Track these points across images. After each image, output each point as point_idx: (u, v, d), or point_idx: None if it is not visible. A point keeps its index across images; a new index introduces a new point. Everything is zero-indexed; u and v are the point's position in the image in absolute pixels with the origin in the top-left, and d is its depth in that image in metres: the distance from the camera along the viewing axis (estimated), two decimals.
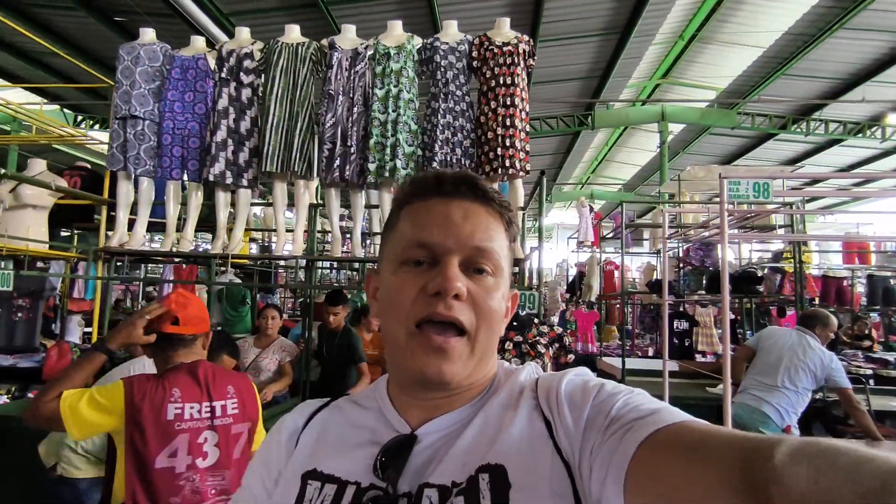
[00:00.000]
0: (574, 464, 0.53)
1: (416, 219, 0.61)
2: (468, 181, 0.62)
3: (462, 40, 3.42)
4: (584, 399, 0.55)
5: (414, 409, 0.62)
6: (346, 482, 0.58)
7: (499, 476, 0.53)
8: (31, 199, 3.78)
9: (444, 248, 0.58)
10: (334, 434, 0.65)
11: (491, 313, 0.59)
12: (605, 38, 9.68)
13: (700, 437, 0.45)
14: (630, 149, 17.44)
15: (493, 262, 0.60)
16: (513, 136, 3.27)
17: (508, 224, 0.64)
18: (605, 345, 7.88)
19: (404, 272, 0.59)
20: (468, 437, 0.57)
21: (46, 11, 8.89)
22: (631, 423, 0.50)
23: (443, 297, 0.56)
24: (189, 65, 3.55)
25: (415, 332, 0.57)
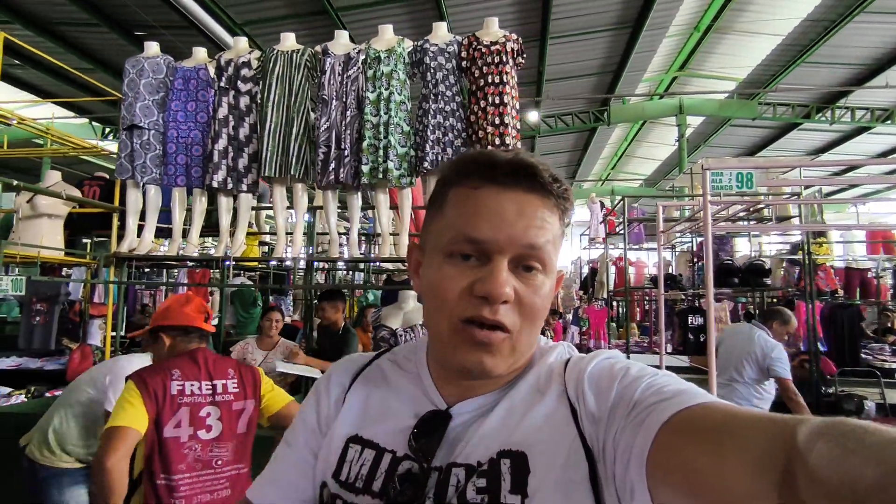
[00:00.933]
0: (598, 449, 0.53)
1: (465, 208, 0.59)
2: (527, 169, 0.58)
3: (451, 41, 3.46)
4: (609, 384, 0.55)
5: (449, 385, 0.63)
6: (383, 449, 0.61)
7: (520, 462, 0.54)
8: (46, 209, 3.99)
9: (494, 247, 0.56)
10: (377, 400, 0.66)
11: (536, 311, 0.58)
12: (617, 32, 9.58)
13: (723, 419, 0.44)
14: (650, 143, 17.19)
15: (543, 259, 0.58)
16: (503, 133, 3.30)
17: (563, 212, 0.61)
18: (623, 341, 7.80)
19: (451, 265, 0.58)
20: (494, 419, 0.58)
21: (73, 29, 9.28)
22: (653, 406, 0.49)
23: (490, 302, 0.55)
24: (191, 75, 3.69)
25: (459, 328, 0.57)
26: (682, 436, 0.46)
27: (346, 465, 0.62)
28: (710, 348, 2.35)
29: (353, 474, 0.61)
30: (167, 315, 1.90)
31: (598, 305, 7.60)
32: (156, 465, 1.69)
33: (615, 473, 0.51)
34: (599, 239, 8.17)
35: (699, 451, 0.43)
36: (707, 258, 2.39)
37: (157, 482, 1.68)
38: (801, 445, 0.37)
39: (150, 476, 1.69)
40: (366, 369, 0.71)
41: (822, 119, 11.77)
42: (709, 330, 2.34)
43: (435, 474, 0.57)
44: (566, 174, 19.43)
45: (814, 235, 5.77)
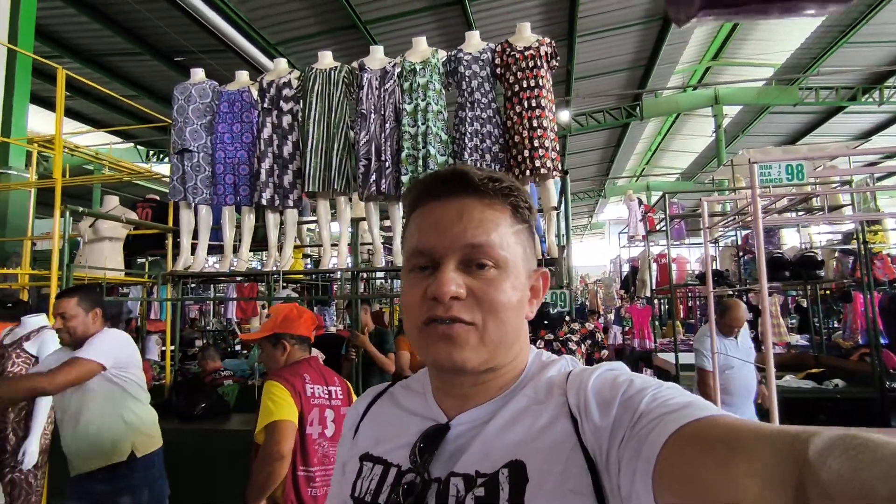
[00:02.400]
0: (601, 461, 0.53)
1: (417, 225, 0.63)
2: (458, 177, 0.62)
3: (484, 49, 3.50)
4: (612, 395, 0.55)
5: (448, 398, 0.65)
6: (390, 464, 0.64)
7: (518, 471, 0.55)
8: (107, 232, 4.21)
9: (439, 252, 0.60)
10: (386, 420, 0.70)
11: (496, 305, 0.59)
12: (647, 25, 9.44)
13: (731, 431, 0.44)
14: (685, 136, 16.79)
15: (492, 254, 0.59)
16: (541, 136, 3.31)
17: (515, 208, 0.63)
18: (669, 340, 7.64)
19: (412, 277, 0.62)
20: (492, 429, 0.59)
21: (118, 59, 9.77)
22: (659, 419, 0.49)
23: (440, 301, 0.58)
24: (235, 98, 3.84)
25: (423, 330, 0.60)
26: (689, 448, 0.45)
27: (360, 482, 0.66)
28: (767, 344, 2.30)
29: (364, 489, 0.64)
30: (288, 325, 2.06)
31: (640, 304, 7.47)
32: (298, 457, 1.87)
33: (620, 486, 0.50)
34: (639, 237, 8.03)
35: (707, 464, 0.43)
36: (759, 254, 2.34)
37: (297, 473, 1.87)
38: (812, 459, 0.36)
39: (293, 467, 1.86)
40: (381, 397, 0.75)
41: (870, 100, 11.27)
42: (765, 325, 2.29)
43: (435, 485, 0.58)
44: (598, 172, 19.18)
45: (868, 223, 5.54)
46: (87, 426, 2.20)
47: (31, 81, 5.37)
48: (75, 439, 2.21)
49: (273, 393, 1.87)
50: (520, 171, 3.34)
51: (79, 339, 2.22)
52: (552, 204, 3.44)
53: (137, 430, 2.31)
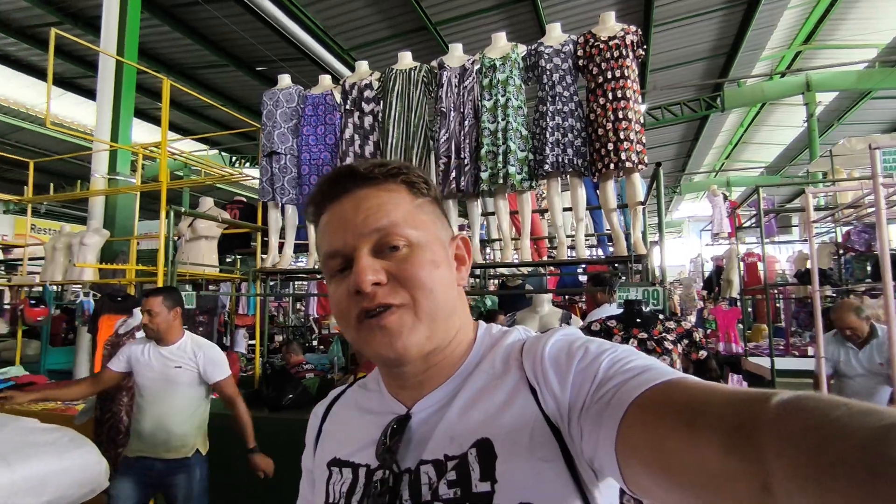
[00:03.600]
0: (564, 428, 0.53)
1: (322, 233, 0.63)
2: (345, 174, 0.63)
3: (566, 41, 3.43)
4: (568, 362, 0.55)
5: (403, 390, 0.64)
6: (358, 465, 0.63)
7: (486, 449, 0.55)
8: (203, 231, 4.51)
9: (349, 248, 0.59)
10: (346, 422, 0.70)
11: (418, 279, 0.58)
12: (730, 10, 8.90)
13: (691, 395, 0.44)
14: (771, 127, 15.68)
15: (401, 233, 0.59)
16: (626, 129, 3.19)
17: (410, 185, 0.63)
18: (755, 344, 7.17)
19: (334, 283, 0.61)
20: (454, 410, 0.59)
21: (204, 71, 10.45)
22: (619, 385, 0.49)
23: (363, 293, 0.57)
24: (319, 101, 3.99)
25: (357, 327, 0.59)
26: (651, 414, 0.45)
27: (331, 487, 0.65)
28: (893, 350, 2.08)
29: (336, 493, 0.63)
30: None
31: (725, 305, 7.05)
32: None
33: (583, 451, 0.50)
34: (724, 234, 7.58)
35: (669, 428, 0.43)
36: (883, 249, 2.13)
37: None
38: (770, 419, 0.36)
39: None
40: (339, 399, 0.75)
41: None
42: (891, 330, 2.07)
43: (407, 476, 0.58)
44: (674, 168, 18.31)
45: None
46: (166, 417, 2.41)
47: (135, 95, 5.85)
48: (152, 426, 2.41)
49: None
50: (603, 166, 3.24)
51: (161, 334, 2.44)
52: (639, 198, 3.31)
53: (204, 431, 2.58)
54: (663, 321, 2.40)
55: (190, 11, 8.31)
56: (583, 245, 3.56)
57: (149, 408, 2.43)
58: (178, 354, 2.47)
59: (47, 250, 4.88)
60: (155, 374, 2.44)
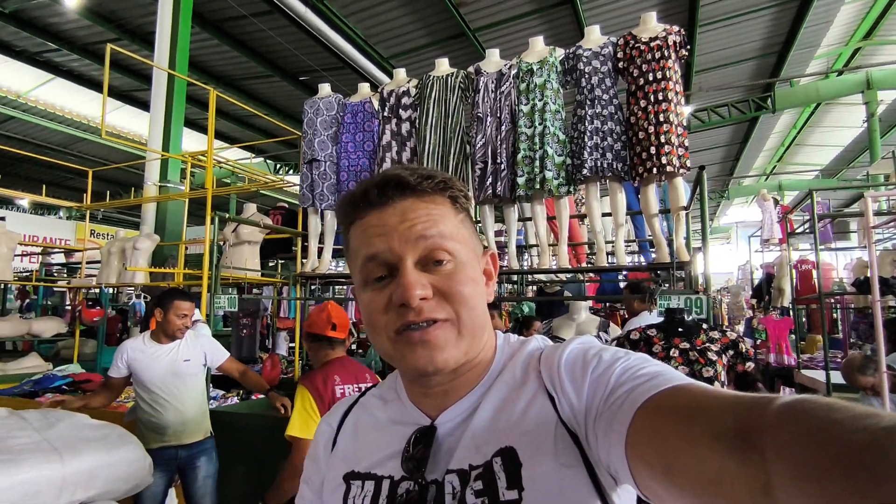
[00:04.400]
0: (581, 435, 0.54)
1: (360, 236, 0.62)
2: (393, 180, 0.61)
3: (605, 43, 3.36)
4: (583, 370, 0.56)
5: (426, 398, 0.64)
6: (381, 477, 0.63)
7: (510, 457, 0.55)
8: (247, 236, 4.66)
9: (394, 256, 0.58)
10: (365, 433, 0.69)
11: (463, 297, 0.59)
12: (781, 8, 8.55)
13: (696, 400, 0.44)
14: (827, 128, 14.94)
15: (447, 247, 0.59)
16: (668, 132, 3.09)
17: (453, 200, 0.63)
18: (809, 356, 6.80)
19: (370, 290, 0.60)
20: (478, 420, 0.59)
21: (251, 81, 10.83)
22: (630, 391, 0.50)
23: (409, 307, 0.57)
24: (358, 109, 4.05)
25: (396, 339, 0.58)
26: (656, 418, 0.45)
27: (350, 501, 0.63)
28: None
29: None
30: (309, 324, 2.26)
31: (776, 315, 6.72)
32: None
33: (600, 457, 0.51)
34: (775, 240, 7.24)
35: (672, 431, 0.43)
36: None
37: None
38: (770, 422, 0.37)
39: None
40: (353, 408, 0.74)
41: None
42: None
43: (433, 487, 0.58)
44: (721, 171, 17.69)
45: None
46: (185, 407, 2.70)
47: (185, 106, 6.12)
48: (177, 418, 2.67)
49: (302, 405, 2.03)
50: (644, 170, 3.15)
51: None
52: (681, 203, 3.19)
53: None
54: (707, 331, 2.30)
55: (238, 25, 8.64)
56: (622, 251, 3.47)
57: (166, 401, 2.66)
58: (184, 348, 2.73)
59: (103, 254, 5.14)
60: (163, 370, 2.68)
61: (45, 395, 3.85)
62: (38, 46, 9.54)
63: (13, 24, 8.62)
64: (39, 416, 1.98)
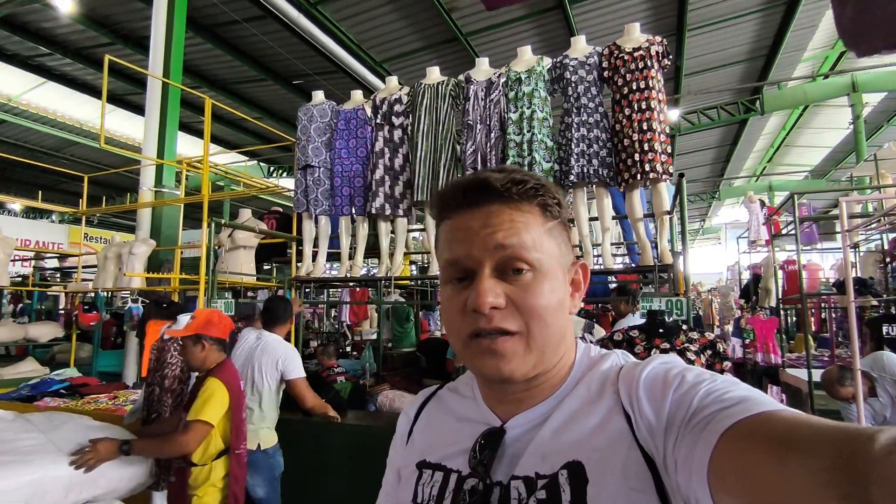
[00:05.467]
0: (658, 459, 0.52)
1: (445, 237, 0.63)
2: (480, 184, 0.61)
3: (591, 53, 3.46)
4: (664, 391, 0.54)
5: (500, 404, 0.65)
6: (450, 470, 0.65)
7: (577, 472, 0.55)
8: (242, 241, 4.72)
9: (471, 262, 0.59)
10: (439, 426, 0.72)
11: (538, 310, 0.58)
12: (768, 11, 8.69)
13: (788, 427, 0.42)
14: (815, 130, 15.13)
15: (526, 257, 0.59)
16: (651, 139, 3.20)
17: (543, 207, 0.62)
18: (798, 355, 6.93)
19: (449, 290, 0.62)
20: (547, 430, 0.60)
21: (244, 85, 10.87)
22: (714, 414, 0.48)
23: (481, 314, 0.57)
24: (351, 116, 4.14)
25: (468, 343, 0.60)
26: (743, 444, 0.43)
27: (420, 488, 0.66)
28: None
29: (426, 495, 0.65)
30: (209, 328, 2.35)
31: (763, 315, 6.85)
32: (234, 440, 2.29)
33: (679, 483, 0.49)
34: (762, 241, 7.38)
35: (762, 460, 0.41)
36: None
37: (237, 452, 2.30)
38: (877, 457, 0.34)
39: (232, 447, 2.29)
40: (430, 401, 0.76)
41: None
42: None
43: (497, 489, 0.59)
44: (711, 173, 17.86)
45: None
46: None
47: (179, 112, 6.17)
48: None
49: (217, 395, 2.21)
50: (630, 176, 3.26)
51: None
52: (665, 208, 3.30)
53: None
54: (686, 332, 2.40)
55: (231, 30, 8.69)
56: (609, 254, 3.57)
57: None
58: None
59: (99, 259, 5.19)
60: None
61: (43, 399, 3.90)
62: (31, 50, 9.54)
63: (5, 28, 8.63)
64: (44, 419, 2.05)
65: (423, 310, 7.60)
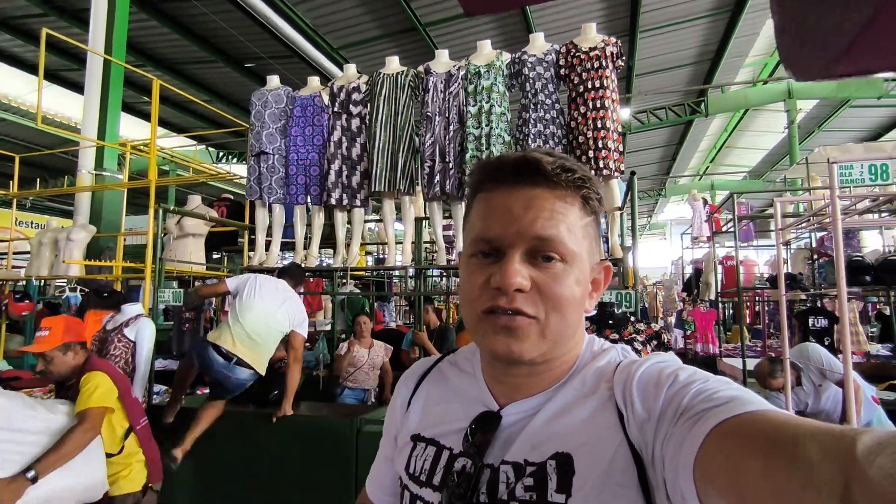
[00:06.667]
0: (647, 455, 0.53)
1: (481, 211, 0.62)
2: (530, 165, 0.60)
3: (549, 50, 3.53)
4: (657, 389, 0.55)
5: (500, 385, 0.66)
6: (442, 446, 0.66)
7: (565, 463, 0.56)
8: (191, 229, 4.56)
9: (505, 242, 0.59)
10: (437, 401, 0.72)
11: (560, 300, 0.58)
12: (715, 18, 9.09)
13: (774, 426, 0.43)
14: (754, 132, 15.99)
15: (560, 249, 0.58)
16: (605, 137, 3.31)
17: (585, 200, 0.61)
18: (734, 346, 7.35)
19: (473, 263, 0.61)
20: (539, 420, 0.60)
21: (192, 66, 10.40)
22: (703, 413, 0.48)
23: (504, 292, 0.57)
24: (307, 103, 4.06)
25: (482, 318, 0.59)
26: (730, 442, 0.44)
27: (413, 460, 0.68)
28: (846, 352, 2.22)
29: (418, 468, 0.67)
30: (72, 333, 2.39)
31: (703, 307, 7.22)
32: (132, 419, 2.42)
33: (665, 479, 0.50)
34: (703, 238, 7.76)
35: (747, 459, 0.42)
36: (838, 257, 2.26)
37: (138, 428, 2.43)
38: (860, 457, 0.35)
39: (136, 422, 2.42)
40: (429, 373, 0.77)
41: None
42: (843, 332, 2.21)
43: (487, 471, 0.60)
44: (659, 171, 18.58)
45: None
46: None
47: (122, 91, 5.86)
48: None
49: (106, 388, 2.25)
50: None
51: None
52: (616, 204, 3.43)
53: None
54: (634, 323, 2.52)
55: (179, 7, 8.29)
56: None
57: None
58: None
59: (33, 245, 4.88)
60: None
61: None
62: None
63: None
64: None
65: (378, 301, 7.57)
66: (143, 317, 3.22)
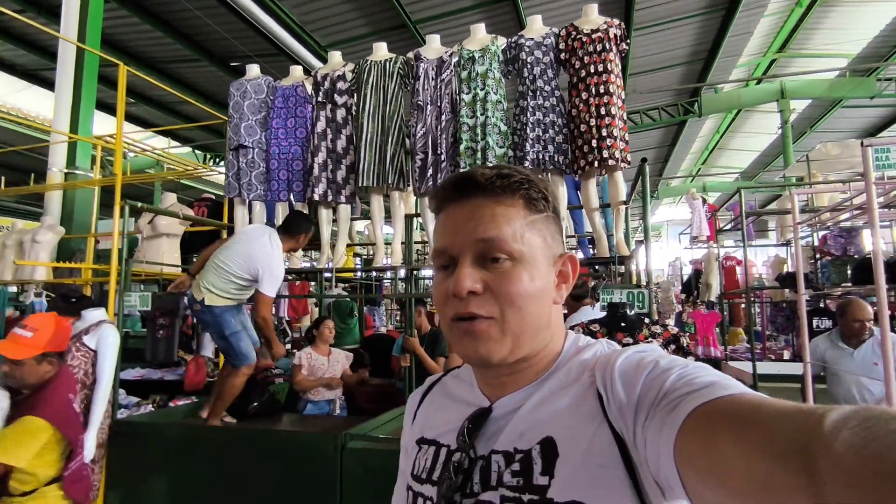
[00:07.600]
0: (629, 438, 0.55)
1: (437, 228, 0.68)
2: (468, 180, 0.65)
3: (548, 34, 3.31)
4: (637, 374, 0.57)
5: (489, 387, 0.70)
6: (441, 445, 0.71)
7: (549, 447, 0.59)
8: (165, 229, 4.26)
9: (453, 251, 0.64)
10: (438, 408, 0.77)
11: (513, 297, 0.61)
12: (708, 16, 8.96)
13: (750, 407, 0.45)
14: (746, 133, 15.95)
15: (506, 248, 0.62)
16: (609, 125, 3.08)
17: (528, 200, 0.65)
18: (732, 348, 7.17)
19: (438, 277, 0.67)
20: (526, 409, 0.64)
21: (176, 65, 10.12)
22: (683, 397, 0.50)
23: (459, 298, 0.62)
24: (289, 93, 3.80)
25: (451, 326, 0.65)
26: (708, 423, 0.46)
27: (417, 461, 0.73)
28: (887, 353, 1.99)
29: (420, 467, 0.72)
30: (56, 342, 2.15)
31: (704, 309, 7.03)
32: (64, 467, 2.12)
33: (648, 461, 0.52)
34: (703, 238, 7.58)
35: (724, 437, 0.44)
36: (876, 251, 2.04)
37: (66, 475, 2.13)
38: (826, 432, 0.37)
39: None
40: (434, 386, 0.82)
41: None
42: (884, 332, 1.98)
43: (480, 462, 0.64)
44: (651, 172, 18.38)
45: None
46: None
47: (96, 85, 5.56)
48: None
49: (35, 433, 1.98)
50: (586, 163, 3.12)
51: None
52: (620, 198, 3.19)
53: None
54: (649, 325, 2.28)
55: (160, 3, 8.02)
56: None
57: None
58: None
59: None
60: None
61: None
62: None
63: None
64: None
65: (367, 304, 7.28)
66: (106, 323, 2.93)
